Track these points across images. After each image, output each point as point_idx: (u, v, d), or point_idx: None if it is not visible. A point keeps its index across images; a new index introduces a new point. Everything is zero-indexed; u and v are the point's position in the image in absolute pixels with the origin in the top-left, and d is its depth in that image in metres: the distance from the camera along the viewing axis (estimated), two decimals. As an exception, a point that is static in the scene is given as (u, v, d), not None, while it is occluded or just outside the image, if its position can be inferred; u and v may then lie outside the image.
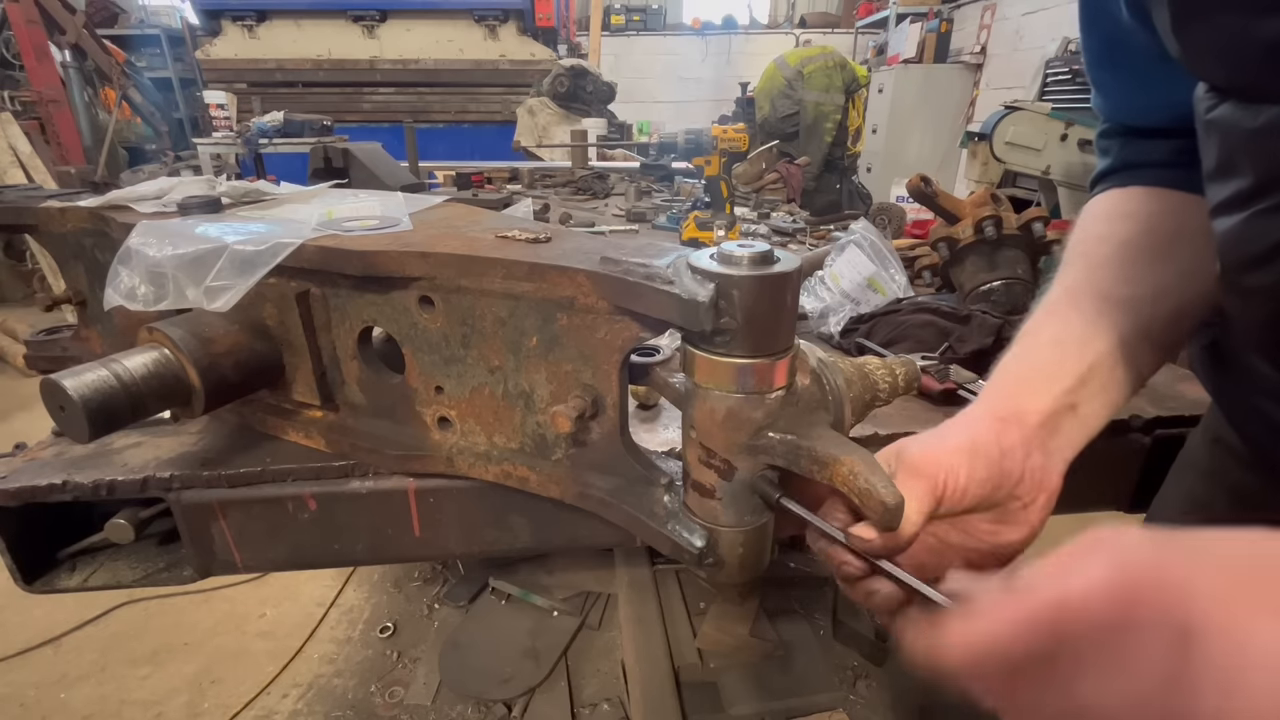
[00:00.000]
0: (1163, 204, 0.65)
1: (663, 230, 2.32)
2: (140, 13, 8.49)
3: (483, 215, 0.84)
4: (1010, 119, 3.57)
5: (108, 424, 0.62)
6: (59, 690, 1.90)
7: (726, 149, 2.01)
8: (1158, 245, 0.62)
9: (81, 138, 5.71)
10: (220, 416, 0.87)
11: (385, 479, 0.79)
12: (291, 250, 0.68)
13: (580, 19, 8.90)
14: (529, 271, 0.60)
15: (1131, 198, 0.67)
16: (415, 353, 0.71)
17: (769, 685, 1.81)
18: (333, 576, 2.34)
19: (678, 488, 0.65)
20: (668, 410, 0.93)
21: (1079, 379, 0.56)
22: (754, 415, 0.53)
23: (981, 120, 3.86)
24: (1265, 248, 0.48)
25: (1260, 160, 0.47)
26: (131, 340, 0.70)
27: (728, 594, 1.92)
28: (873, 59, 8.78)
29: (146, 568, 0.83)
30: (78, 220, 0.90)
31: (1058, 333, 0.60)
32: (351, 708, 1.84)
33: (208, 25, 5.70)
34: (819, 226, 2.40)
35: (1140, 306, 0.59)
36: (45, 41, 5.30)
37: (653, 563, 2.17)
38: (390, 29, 5.72)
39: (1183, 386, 1.03)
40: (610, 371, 0.62)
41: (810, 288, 1.39)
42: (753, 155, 3.15)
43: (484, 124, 5.88)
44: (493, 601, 2.18)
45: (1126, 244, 0.63)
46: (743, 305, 0.49)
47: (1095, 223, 0.68)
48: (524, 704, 1.83)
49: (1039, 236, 1.36)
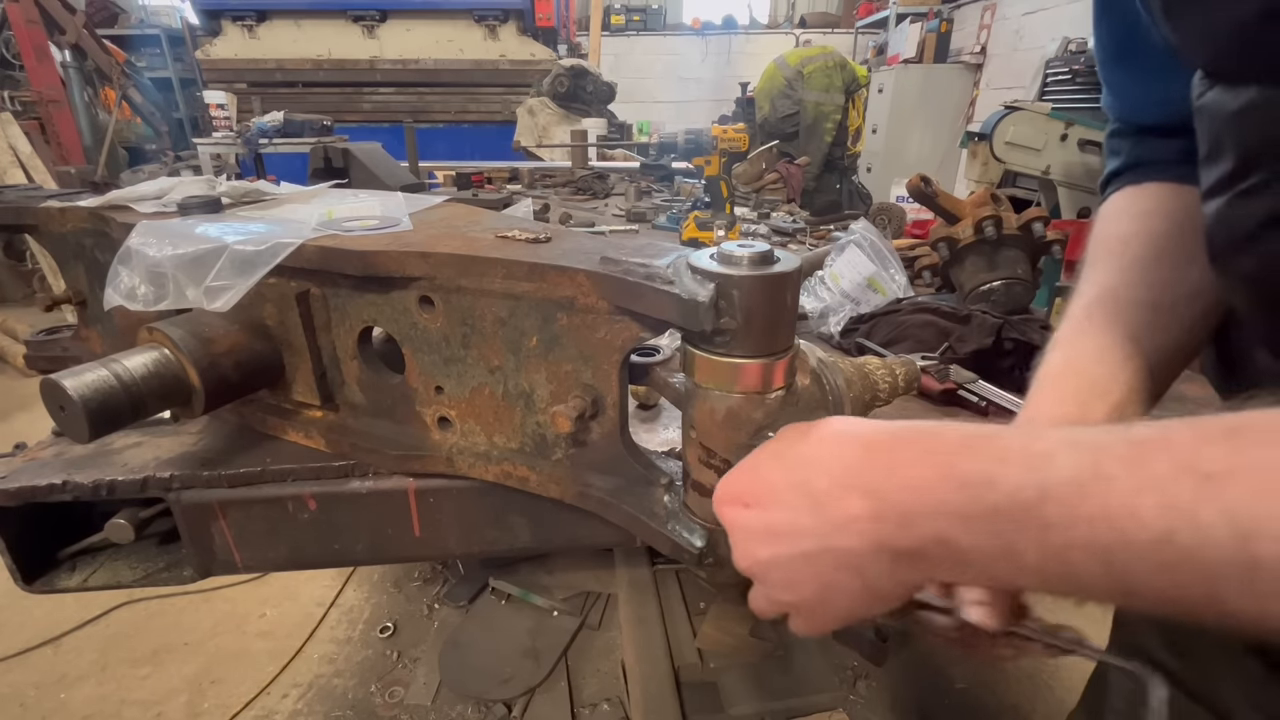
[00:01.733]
0: (1180, 200, 0.64)
1: (663, 230, 2.32)
2: (140, 13, 8.48)
3: (483, 215, 0.84)
4: (1010, 119, 3.56)
5: (108, 424, 0.62)
6: (59, 690, 1.90)
7: (726, 149, 2.01)
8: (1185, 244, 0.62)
9: (81, 138, 5.71)
10: (220, 416, 0.87)
11: (385, 479, 0.78)
12: (291, 250, 0.68)
13: (580, 19, 8.90)
14: (529, 271, 0.60)
15: (1148, 194, 0.67)
16: (415, 353, 0.71)
17: (769, 685, 1.81)
18: (333, 576, 2.34)
19: (678, 488, 0.65)
20: (668, 410, 0.93)
21: (1128, 392, 0.57)
22: (754, 415, 0.53)
23: (981, 120, 3.85)
24: (1246, 230, 0.48)
25: (1240, 141, 0.48)
26: (131, 340, 0.70)
27: (728, 594, 1.91)
28: (873, 59, 8.78)
29: (146, 568, 0.83)
30: (78, 220, 0.90)
31: (1101, 344, 0.60)
32: (351, 708, 1.84)
33: (208, 25, 5.70)
34: (819, 226, 2.40)
35: (1177, 311, 0.60)
36: (45, 41, 5.30)
37: (653, 563, 2.17)
38: (390, 29, 5.72)
39: (1184, 387, 1.03)
40: (610, 371, 0.62)
41: (810, 288, 1.39)
42: (753, 155, 3.14)
43: (484, 124, 5.88)
44: (493, 601, 2.18)
45: (1153, 242, 0.64)
46: (743, 305, 0.49)
47: (1116, 222, 0.68)
48: (524, 704, 1.83)
49: (1039, 236, 1.36)
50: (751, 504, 0.47)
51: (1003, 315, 1.09)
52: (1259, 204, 0.47)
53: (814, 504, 0.43)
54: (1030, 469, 0.35)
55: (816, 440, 0.45)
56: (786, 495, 0.45)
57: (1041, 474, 0.34)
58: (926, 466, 0.38)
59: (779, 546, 0.45)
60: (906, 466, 0.39)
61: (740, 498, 0.48)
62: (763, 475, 0.47)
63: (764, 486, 0.47)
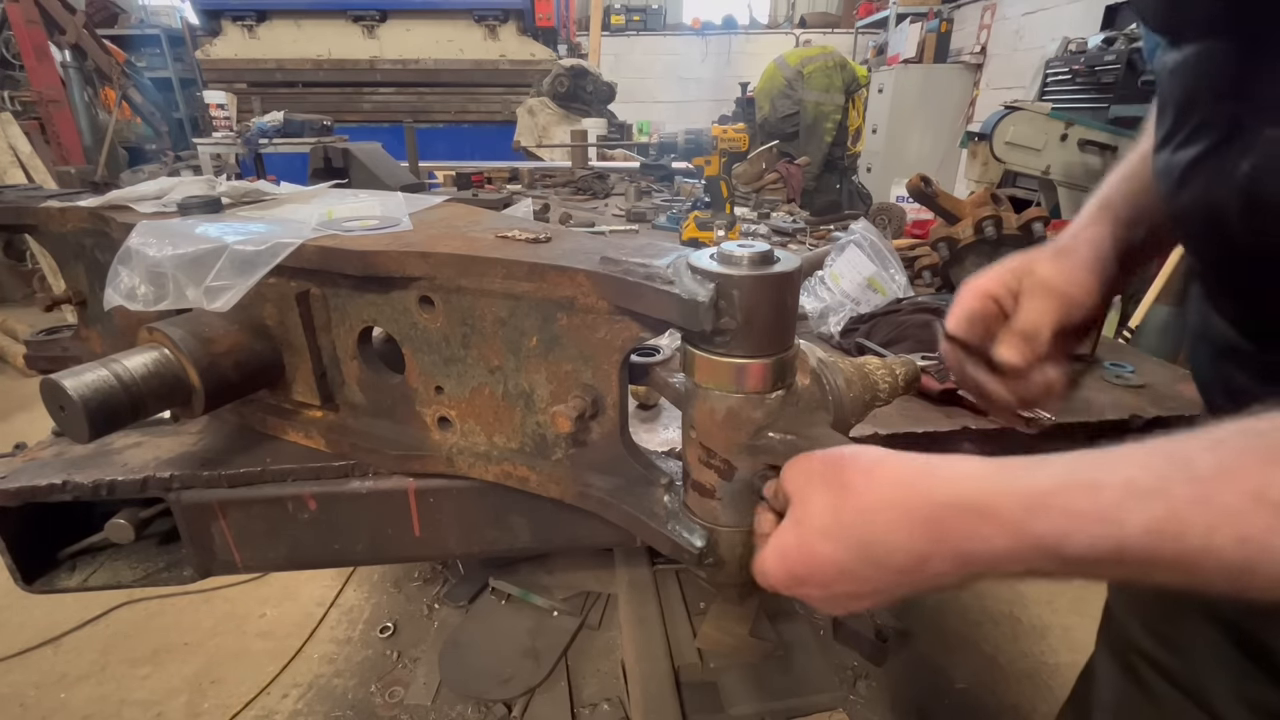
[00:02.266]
0: None
1: (663, 230, 2.31)
2: (140, 13, 8.48)
3: (483, 215, 0.84)
4: (1010, 119, 3.56)
5: (108, 424, 0.62)
6: (59, 690, 1.90)
7: (726, 149, 2.01)
8: None
9: (81, 138, 5.70)
10: (220, 416, 0.87)
11: (385, 479, 0.79)
12: (291, 250, 0.68)
13: (580, 19, 8.90)
14: (529, 271, 0.60)
15: None
16: (415, 353, 0.71)
17: (769, 685, 1.81)
18: (333, 576, 2.34)
19: (678, 488, 0.65)
20: (668, 410, 0.93)
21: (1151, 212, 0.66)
22: (754, 415, 0.53)
23: (981, 120, 3.86)
24: (1177, 178, 0.53)
25: (1176, 97, 0.53)
26: (131, 340, 0.70)
27: (728, 594, 1.91)
28: (873, 59, 8.78)
29: (146, 568, 0.83)
30: (78, 220, 0.90)
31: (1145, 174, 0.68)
32: (351, 708, 1.84)
33: (208, 25, 5.69)
34: (819, 226, 2.40)
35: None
36: (45, 41, 5.29)
37: (653, 563, 2.17)
38: (390, 29, 5.72)
39: (1181, 387, 1.03)
40: (610, 371, 0.62)
41: (810, 288, 1.39)
42: (753, 155, 3.14)
43: (484, 124, 5.87)
44: (493, 601, 2.18)
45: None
46: (743, 305, 0.49)
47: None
48: (524, 704, 1.83)
49: (1039, 236, 1.36)
50: (828, 585, 0.47)
51: (1003, 315, 1.09)
52: (1186, 153, 0.52)
53: (899, 573, 0.43)
54: (1103, 523, 0.35)
55: (869, 516, 0.44)
56: (864, 572, 0.45)
57: (1114, 528, 0.35)
58: (999, 535, 0.39)
59: (872, 600, 0.47)
60: (979, 538, 0.40)
61: (809, 583, 0.48)
62: (825, 560, 0.46)
63: (833, 570, 0.46)
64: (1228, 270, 0.55)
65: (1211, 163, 0.50)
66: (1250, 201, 0.46)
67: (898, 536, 0.42)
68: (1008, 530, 0.39)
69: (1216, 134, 0.49)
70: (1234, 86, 0.47)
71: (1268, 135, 0.44)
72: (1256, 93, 0.46)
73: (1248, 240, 0.48)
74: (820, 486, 0.47)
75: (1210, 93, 0.50)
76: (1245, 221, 0.47)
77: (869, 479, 0.45)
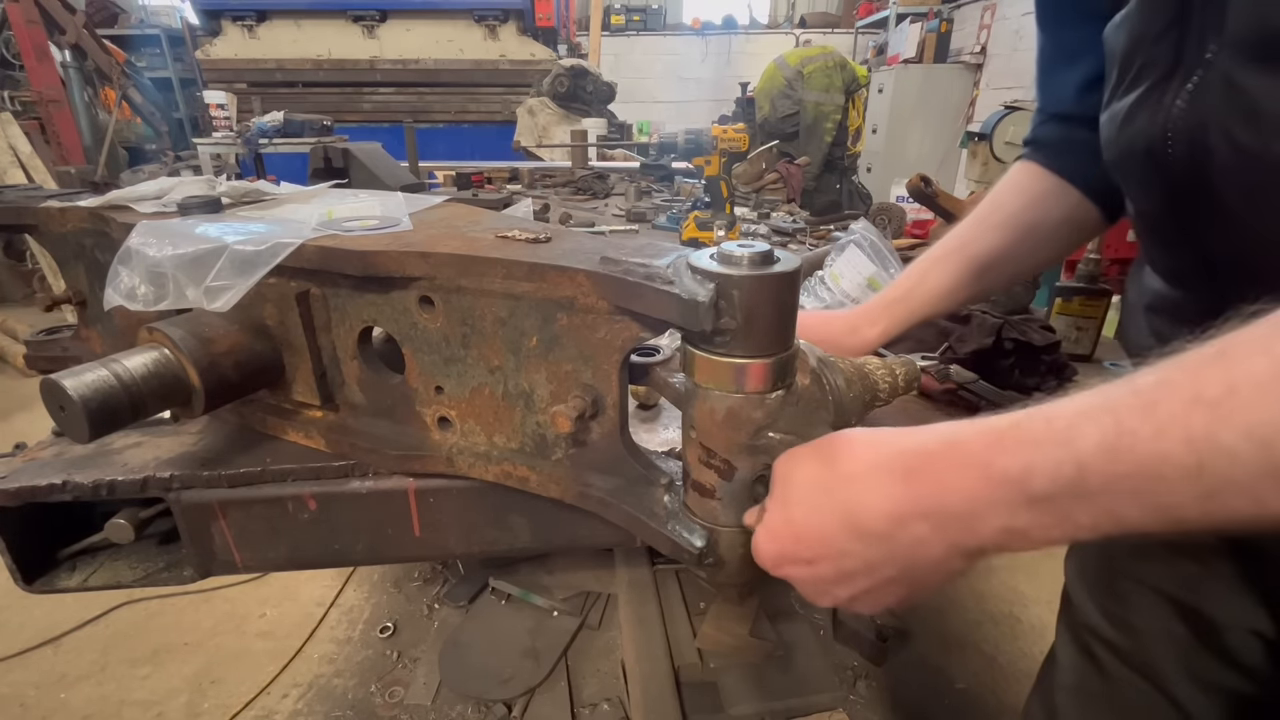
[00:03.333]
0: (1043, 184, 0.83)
1: (663, 230, 2.31)
2: (140, 13, 8.48)
3: (483, 215, 0.84)
4: (1010, 119, 3.57)
5: (108, 424, 0.62)
6: (59, 690, 1.90)
7: (726, 149, 2.01)
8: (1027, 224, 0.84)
9: (81, 138, 5.70)
10: (220, 416, 0.87)
11: (385, 479, 0.78)
12: (291, 250, 0.68)
13: (580, 19, 8.90)
14: (529, 271, 0.60)
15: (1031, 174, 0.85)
16: (415, 353, 0.71)
17: (769, 685, 1.81)
18: (333, 576, 2.34)
19: (678, 488, 0.65)
20: (668, 410, 0.93)
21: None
22: (754, 415, 0.53)
23: (981, 120, 3.86)
24: (1117, 125, 0.57)
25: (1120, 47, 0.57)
26: (131, 340, 0.70)
27: (728, 594, 1.91)
28: (873, 59, 8.78)
29: (146, 568, 0.83)
30: (78, 220, 0.90)
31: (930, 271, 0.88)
32: (351, 708, 1.84)
33: (208, 25, 5.69)
34: (819, 226, 2.40)
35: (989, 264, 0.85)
36: (45, 41, 5.29)
37: (653, 563, 2.17)
38: (390, 29, 5.72)
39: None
40: (610, 371, 0.62)
41: (810, 288, 1.38)
42: (753, 155, 3.14)
43: (484, 124, 5.87)
44: (493, 601, 2.18)
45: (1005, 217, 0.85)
46: (743, 305, 0.49)
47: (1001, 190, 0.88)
48: (524, 704, 1.83)
49: (1039, 236, 1.35)
50: (812, 560, 0.48)
51: (1003, 315, 1.09)
52: (1130, 97, 0.56)
53: (879, 541, 0.45)
54: (1060, 446, 0.37)
55: (848, 481, 0.47)
56: (846, 543, 0.46)
57: (1072, 448, 0.36)
58: (968, 476, 0.41)
59: (859, 583, 0.48)
60: (951, 482, 0.42)
61: (794, 559, 0.49)
62: (810, 531, 0.48)
63: (817, 542, 0.48)
64: (1164, 215, 0.57)
65: (1153, 98, 0.53)
66: (1186, 126, 0.49)
67: (875, 496, 0.45)
68: (975, 470, 0.40)
69: (1158, 72, 0.52)
70: (1175, 18, 0.50)
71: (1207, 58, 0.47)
72: (1194, 22, 0.48)
73: (1182, 172, 0.51)
74: (805, 463, 0.50)
75: (1152, 31, 0.53)
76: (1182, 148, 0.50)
77: (850, 447, 0.48)
